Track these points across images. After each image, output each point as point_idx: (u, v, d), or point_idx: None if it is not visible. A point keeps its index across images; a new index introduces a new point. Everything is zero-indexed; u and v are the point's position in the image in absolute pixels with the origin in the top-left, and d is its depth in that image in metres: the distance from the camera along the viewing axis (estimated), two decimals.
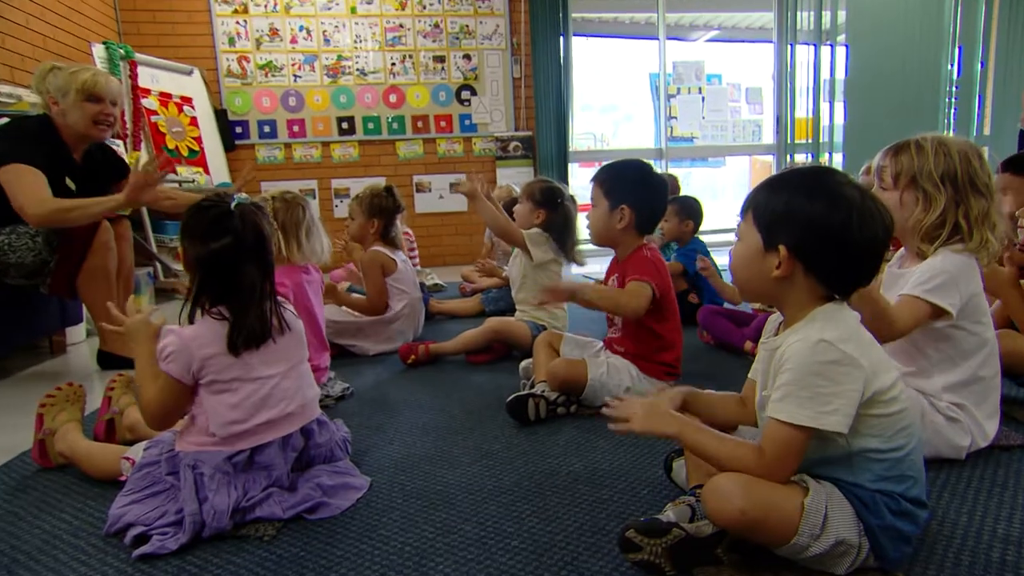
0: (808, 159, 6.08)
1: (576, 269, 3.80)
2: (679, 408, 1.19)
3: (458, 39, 5.71)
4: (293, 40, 5.47)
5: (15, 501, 1.43)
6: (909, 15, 5.09)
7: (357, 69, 5.59)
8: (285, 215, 2.01)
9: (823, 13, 5.89)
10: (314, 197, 5.52)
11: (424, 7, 5.60)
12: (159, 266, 4.27)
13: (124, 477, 1.37)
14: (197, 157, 4.97)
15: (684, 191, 3.93)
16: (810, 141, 6.12)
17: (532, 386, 1.93)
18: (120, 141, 4.17)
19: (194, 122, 5.03)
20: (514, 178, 5.41)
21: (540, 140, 5.80)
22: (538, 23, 5.66)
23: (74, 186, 2.43)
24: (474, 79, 5.77)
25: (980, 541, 1.12)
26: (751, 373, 1.20)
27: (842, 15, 5.83)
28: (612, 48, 6.93)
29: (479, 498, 1.36)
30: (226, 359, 1.28)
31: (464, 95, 5.78)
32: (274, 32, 5.44)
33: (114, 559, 1.18)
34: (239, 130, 5.46)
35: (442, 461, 1.56)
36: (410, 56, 5.66)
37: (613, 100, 7.73)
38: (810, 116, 6.07)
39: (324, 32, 5.51)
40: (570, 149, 5.93)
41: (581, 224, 2.57)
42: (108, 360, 2.54)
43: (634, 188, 1.90)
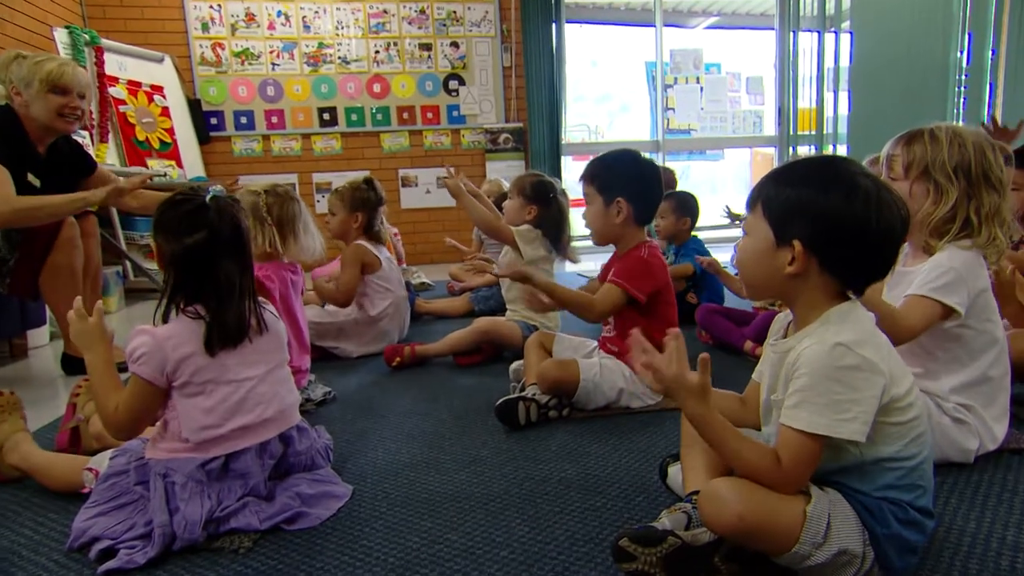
0: (811, 151, 6.11)
1: (570, 266, 3.81)
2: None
3: (445, 26, 5.70)
4: (271, 26, 5.45)
5: None
6: (916, 0, 5.12)
7: (339, 57, 5.58)
8: (280, 209, 2.02)
9: None
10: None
11: None
12: (129, 264, 4.24)
13: (87, 489, 1.36)
14: (169, 150, 4.95)
15: (681, 186, 3.94)
16: (813, 132, 6.15)
17: (523, 389, 1.93)
18: (86, 133, 4.14)
19: (166, 112, 5.01)
20: (504, 172, 5.41)
21: (532, 132, 5.81)
22: (529, 9, 5.66)
23: (38, 182, 2.41)
24: (462, 68, 5.77)
25: (989, 548, 1.13)
26: (755, 374, 1.20)
27: (847, 0, 5.86)
28: (607, 36, 6.94)
29: (467, 506, 1.36)
30: (201, 360, 1.27)
31: (452, 85, 5.77)
32: (250, 17, 5.41)
33: (77, 575, 1.17)
34: (214, 121, 5.44)
35: (428, 468, 1.56)
36: (395, 43, 5.65)
37: (608, 90, 7.74)
38: (813, 106, 6.11)
39: (304, 18, 5.49)
40: (563, 141, 5.94)
41: (575, 219, 2.57)
42: (73, 365, 2.52)
43: (627, 179, 1.91)
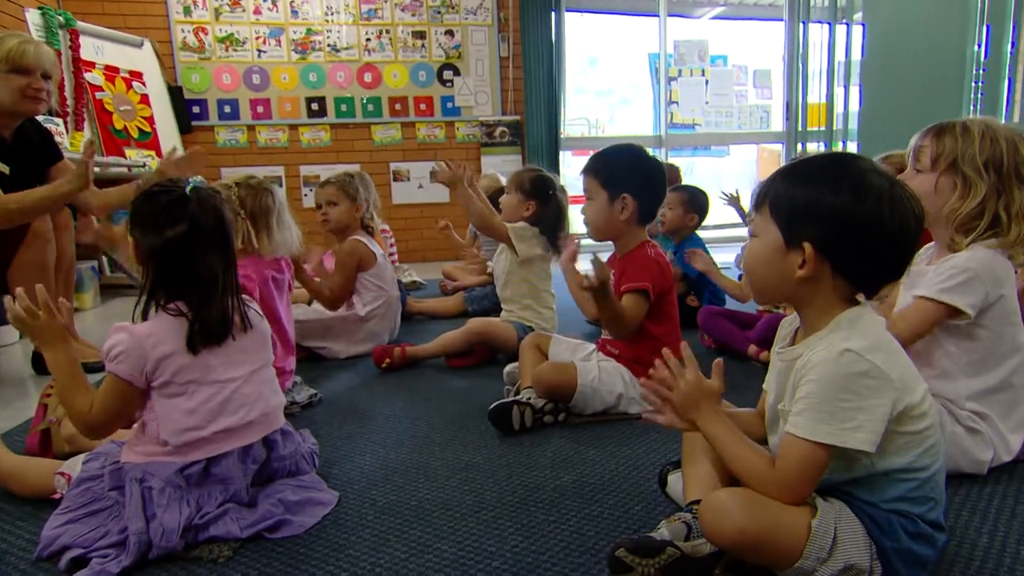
0: (821, 148, 6.13)
1: None
2: None
3: (440, 13, 5.70)
4: (257, 11, 5.44)
5: None
6: None
7: (328, 45, 5.57)
8: (254, 202, 2.01)
9: None
10: (281, 185, 5.50)
11: None
12: (105, 259, 4.23)
13: (58, 495, 1.35)
14: (149, 139, 4.93)
15: (685, 183, 3.94)
16: (823, 128, 6.17)
17: (517, 392, 1.94)
18: (61, 120, 4.12)
19: (145, 100, 4.99)
20: (500, 167, 5.42)
21: (529, 125, 5.81)
22: None
23: (7, 169, 2.39)
24: (457, 58, 5.77)
25: (1001, 564, 1.13)
26: (765, 383, 1.20)
27: None
28: (608, 25, 6.94)
29: (458, 515, 1.36)
30: (183, 359, 1.27)
31: (446, 75, 5.77)
32: (235, 1, 5.40)
33: None
34: (196, 110, 5.43)
35: (418, 474, 1.56)
36: (387, 31, 5.65)
37: (609, 83, 7.76)
38: (823, 101, 6.13)
39: (292, 2, 5.48)
40: (562, 136, 5.95)
41: (575, 217, 2.58)
42: (44, 364, 2.50)
43: (633, 175, 1.92)
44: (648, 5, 6.59)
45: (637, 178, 1.91)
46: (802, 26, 6.23)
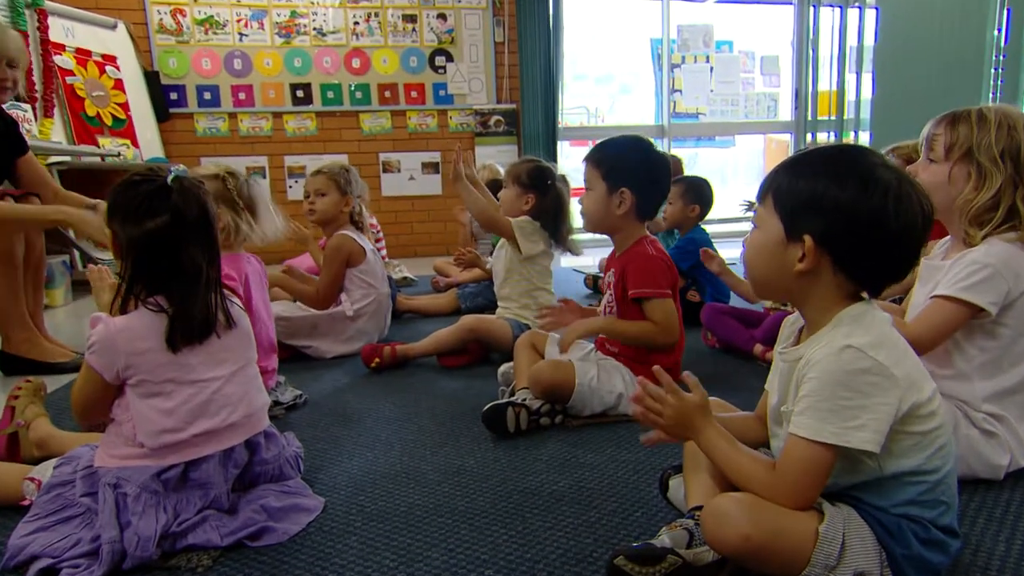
0: (831, 138, 6.15)
1: (566, 261, 3.82)
2: None
3: None
4: None
5: None
6: None
7: (314, 28, 5.56)
8: (249, 192, 2.03)
9: None
10: (264, 176, 5.50)
11: None
12: (77, 254, 4.21)
13: (28, 501, 1.35)
14: (124, 127, 4.92)
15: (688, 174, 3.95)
16: (833, 118, 6.19)
17: (512, 393, 1.94)
18: (28, 106, 4.10)
19: (119, 85, 4.98)
20: (496, 157, 5.41)
21: (525, 114, 5.81)
22: None
23: None
24: (450, 43, 5.77)
25: (1019, 573, 1.14)
26: (767, 384, 1.21)
27: None
28: (609, 9, 6.95)
29: (449, 521, 1.36)
30: (161, 356, 1.27)
31: (439, 61, 5.77)
32: None
33: None
34: (174, 96, 5.41)
35: (408, 479, 1.56)
36: (376, 14, 5.63)
37: (609, 69, 7.75)
38: (834, 89, 6.15)
39: None
40: (559, 125, 5.96)
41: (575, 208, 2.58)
42: (12, 364, 2.50)
43: (635, 169, 1.92)
44: None
45: (639, 173, 1.92)
46: (812, 10, 6.25)
